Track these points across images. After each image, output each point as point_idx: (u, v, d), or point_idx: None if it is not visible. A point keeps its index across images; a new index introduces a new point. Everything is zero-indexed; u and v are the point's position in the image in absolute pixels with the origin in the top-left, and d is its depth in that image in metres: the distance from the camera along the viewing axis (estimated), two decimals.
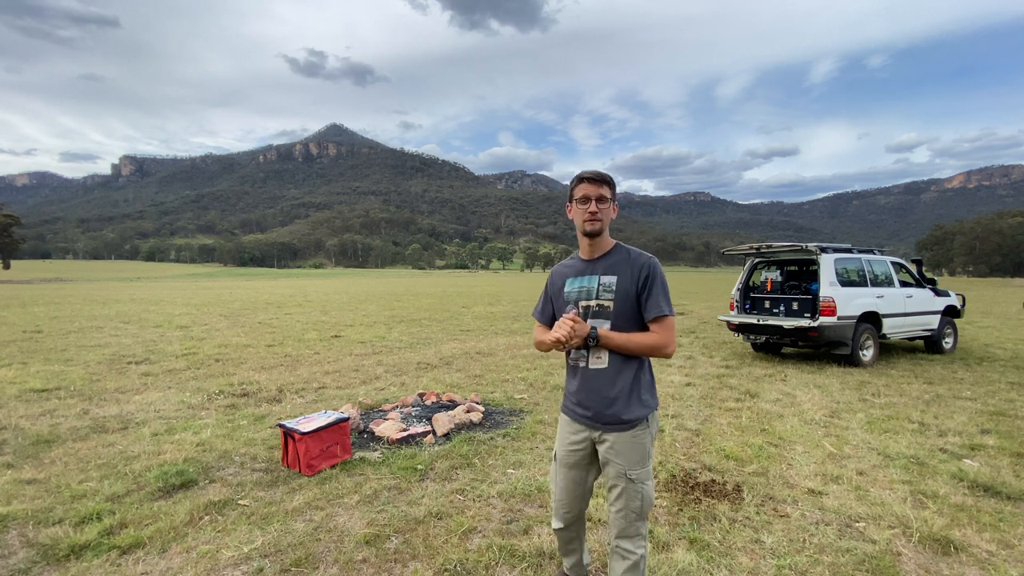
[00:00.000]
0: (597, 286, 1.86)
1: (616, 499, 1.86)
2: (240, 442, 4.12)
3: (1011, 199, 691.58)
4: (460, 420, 4.52)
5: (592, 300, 1.86)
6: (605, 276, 1.86)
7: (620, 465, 1.84)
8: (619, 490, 1.85)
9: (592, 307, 1.86)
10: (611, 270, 1.86)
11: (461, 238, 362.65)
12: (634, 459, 1.84)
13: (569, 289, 1.94)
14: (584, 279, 1.90)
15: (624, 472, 1.83)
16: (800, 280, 8.47)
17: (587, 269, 1.91)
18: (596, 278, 1.87)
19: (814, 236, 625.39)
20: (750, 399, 5.57)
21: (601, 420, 1.86)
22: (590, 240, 1.88)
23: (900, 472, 3.56)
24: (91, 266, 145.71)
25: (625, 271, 1.84)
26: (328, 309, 17.75)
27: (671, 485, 3.36)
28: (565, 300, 1.94)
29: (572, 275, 1.96)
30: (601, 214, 1.82)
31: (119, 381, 6.32)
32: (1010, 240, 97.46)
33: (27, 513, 2.91)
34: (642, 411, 1.86)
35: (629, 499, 1.84)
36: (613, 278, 1.85)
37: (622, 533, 1.87)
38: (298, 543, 2.65)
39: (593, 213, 1.81)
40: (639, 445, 1.85)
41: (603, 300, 1.84)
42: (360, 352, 8.66)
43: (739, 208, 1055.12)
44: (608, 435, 1.86)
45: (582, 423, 1.92)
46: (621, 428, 1.84)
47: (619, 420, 1.84)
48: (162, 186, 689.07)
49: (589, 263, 1.92)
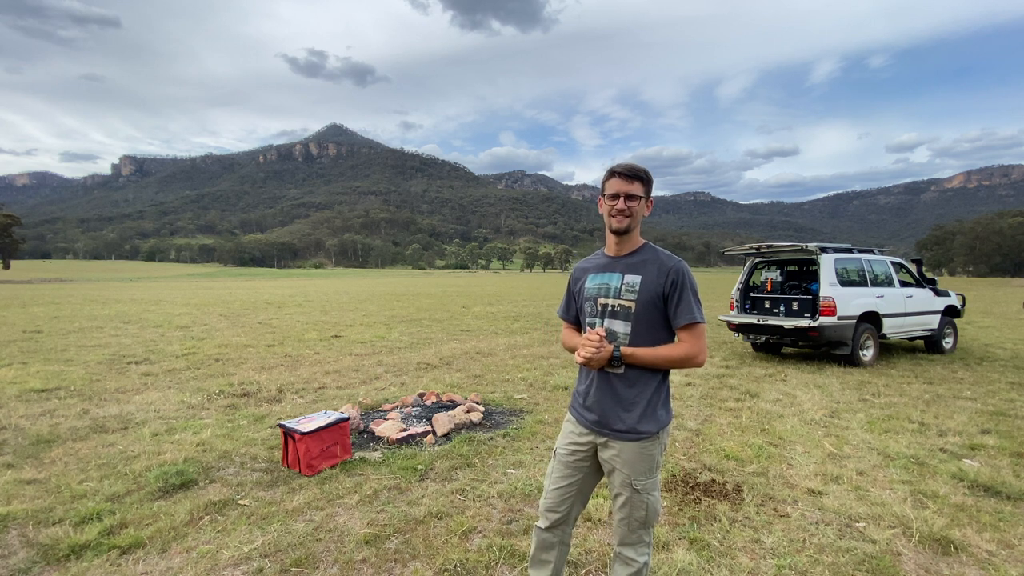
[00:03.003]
0: (620, 285, 1.76)
1: (620, 507, 1.80)
2: (240, 442, 4.12)
3: (1011, 199, 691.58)
4: (460, 420, 4.52)
5: (612, 299, 1.77)
6: (629, 275, 1.76)
7: (626, 474, 1.76)
8: (624, 499, 1.78)
9: (611, 306, 1.77)
10: (636, 269, 1.77)
11: (461, 238, 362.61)
12: (641, 469, 1.76)
13: (590, 285, 1.84)
14: (606, 275, 1.81)
15: (630, 482, 1.76)
16: (800, 280, 8.47)
17: (611, 266, 1.82)
18: (619, 276, 1.78)
19: (814, 236, 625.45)
20: (750, 399, 5.57)
21: (609, 427, 1.78)
22: (617, 237, 1.79)
23: (900, 472, 3.56)
24: (91, 266, 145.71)
25: (651, 272, 1.75)
26: (328, 309, 17.75)
27: (671, 485, 3.36)
28: (585, 296, 1.85)
29: (594, 271, 1.86)
30: (630, 211, 1.73)
31: (119, 381, 6.32)
32: (1010, 240, 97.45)
33: (27, 513, 2.91)
34: (654, 426, 1.76)
35: (633, 508, 1.77)
36: (637, 278, 1.75)
37: (624, 540, 1.82)
38: (298, 543, 2.65)
39: (621, 210, 1.72)
40: (647, 456, 1.77)
41: (624, 300, 1.75)
42: (360, 352, 8.66)
43: (739, 208, 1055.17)
44: (615, 443, 1.77)
45: (588, 427, 1.84)
46: (629, 438, 1.76)
47: (629, 431, 1.75)
48: (162, 186, 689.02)
49: (613, 260, 1.83)
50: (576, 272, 1.97)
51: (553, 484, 1.91)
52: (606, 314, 1.78)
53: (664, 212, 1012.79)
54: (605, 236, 1.87)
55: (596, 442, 1.83)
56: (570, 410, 1.97)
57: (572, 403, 1.97)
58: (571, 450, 1.89)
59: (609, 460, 1.80)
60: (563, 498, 1.89)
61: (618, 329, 1.77)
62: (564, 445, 1.91)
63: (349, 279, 72.68)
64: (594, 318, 1.82)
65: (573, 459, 1.88)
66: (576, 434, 1.89)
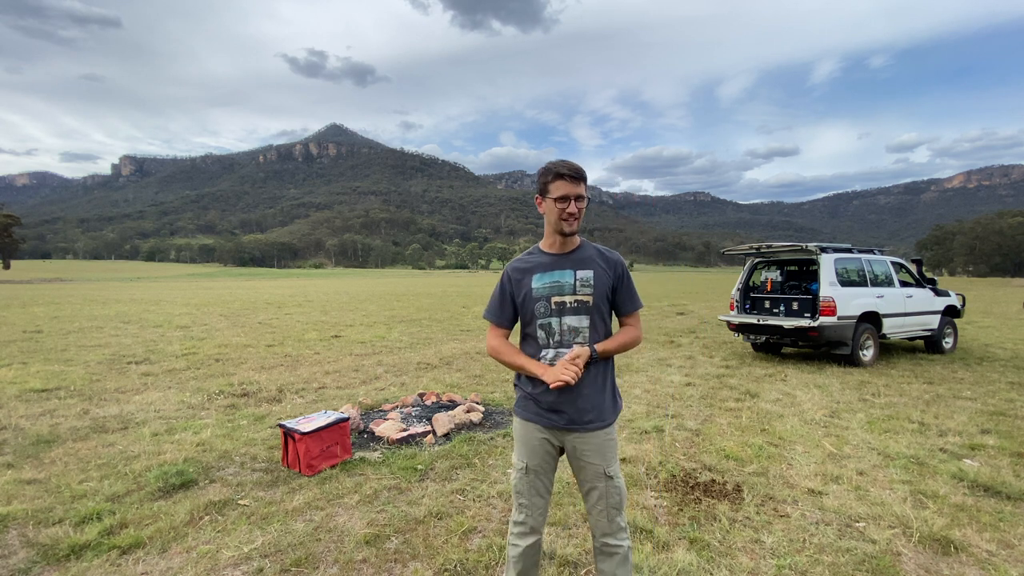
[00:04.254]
0: (574, 281, 1.80)
1: (597, 500, 1.83)
2: (240, 442, 4.12)
3: (1011, 199, 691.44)
4: (460, 420, 4.52)
5: (568, 296, 1.79)
6: (581, 271, 1.80)
7: (598, 464, 1.81)
8: (600, 490, 1.82)
9: (568, 303, 1.79)
10: (585, 265, 1.82)
11: (461, 238, 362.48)
12: (611, 456, 1.83)
13: (538, 285, 1.82)
14: (555, 274, 1.81)
15: (603, 471, 1.81)
16: (800, 280, 8.48)
17: (558, 264, 1.82)
18: (571, 273, 1.80)
19: (814, 236, 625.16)
20: (750, 399, 5.57)
21: (580, 422, 1.80)
22: (564, 238, 1.82)
23: (900, 472, 3.56)
24: (91, 266, 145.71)
25: (599, 267, 1.82)
26: (328, 309, 17.75)
27: (671, 485, 3.36)
28: (535, 296, 1.82)
29: (539, 270, 1.84)
30: (579, 213, 1.75)
31: (119, 381, 6.32)
32: (1010, 240, 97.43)
33: (27, 513, 2.91)
34: (616, 411, 1.87)
35: (609, 496, 1.82)
36: (589, 272, 1.80)
37: (607, 531, 1.84)
38: (298, 543, 2.65)
39: (572, 214, 1.73)
40: (613, 441, 1.85)
41: (580, 295, 1.79)
42: (360, 352, 8.66)
43: (739, 208, 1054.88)
44: (585, 436, 1.81)
45: (556, 428, 1.83)
46: (598, 428, 1.81)
47: (598, 421, 1.81)
48: (162, 186, 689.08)
49: (560, 257, 1.83)
50: (514, 274, 1.88)
51: (531, 499, 1.87)
52: (563, 311, 1.80)
53: (664, 212, 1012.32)
54: (545, 235, 1.87)
55: (560, 441, 1.85)
56: (525, 416, 1.88)
57: (525, 408, 1.88)
58: (542, 458, 1.86)
59: (580, 455, 1.82)
60: (544, 506, 1.90)
61: (575, 324, 1.80)
62: (534, 456, 1.86)
63: (349, 279, 72.68)
64: (548, 317, 1.81)
65: (547, 466, 1.88)
66: (538, 442, 1.86)
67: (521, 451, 1.89)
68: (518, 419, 1.91)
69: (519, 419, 1.91)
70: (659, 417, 4.85)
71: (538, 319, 1.82)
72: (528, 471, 1.86)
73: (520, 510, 1.88)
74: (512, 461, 1.90)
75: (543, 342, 1.83)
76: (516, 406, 1.94)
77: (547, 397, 1.80)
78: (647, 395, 5.73)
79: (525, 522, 1.87)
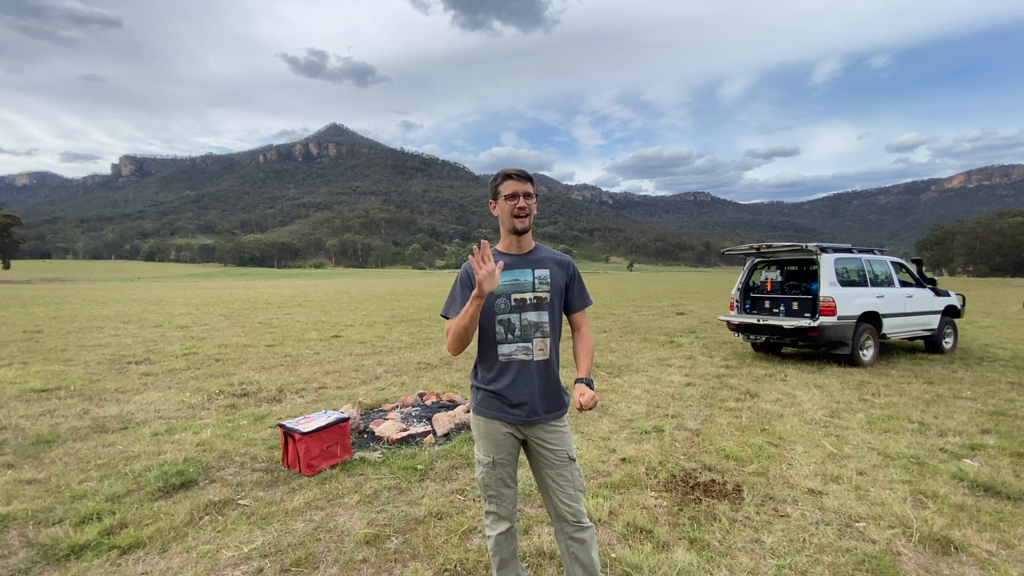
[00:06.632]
0: (533, 279, 1.92)
1: (564, 484, 1.93)
2: (240, 442, 4.12)
3: (1011, 199, 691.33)
4: (460, 420, 4.52)
5: (527, 293, 1.92)
6: (539, 270, 1.94)
7: (562, 449, 1.94)
8: (567, 474, 1.93)
9: (528, 300, 1.91)
10: (541, 265, 1.96)
11: (461, 238, 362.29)
12: (570, 439, 1.98)
13: (499, 282, 1.85)
14: (515, 272, 1.92)
15: (567, 454, 1.94)
16: (800, 280, 8.48)
17: (517, 264, 1.93)
18: (530, 272, 1.93)
19: (814, 236, 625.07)
20: (750, 399, 5.57)
21: (543, 412, 1.92)
22: (518, 236, 1.94)
23: (900, 472, 3.56)
24: (91, 266, 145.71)
25: (553, 267, 1.97)
26: (328, 309, 17.75)
27: (671, 485, 3.36)
28: (496, 293, 1.88)
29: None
30: (529, 209, 1.88)
31: (119, 381, 6.33)
32: (1010, 240, 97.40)
33: (27, 513, 2.92)
34: (568, 398, 2.01)
35: (575, 478, 1.94)
36: (546, 271, 1.94)
37: (575, 515, 1.91)
38: (298, 543, 2.65)
39: (522, 208, 1.87)
40: (568, 428, 2.00)
41: (540, 292, 1.92)
42: (360, 352, 8.66)
43: (739, 208, 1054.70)
44: (546, 425, 1.93)
45: (518, 422, 1.92)
46: (558, 415, 1.95)
47: (557, 409, 1.95)
48: (162, 186, 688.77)
49: (518, 258, 1.95)
50: (472, 271, 1.87)
51: (499, 490, 1.96)
52: (524, 307, 1.91)
53: (664, 212, 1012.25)
54: (502, 236, 1.99)
55: (526, 433, 1.96)
56: (489, 414, 1.94)
57: (488, 407, 1.94)
58: (507, 451, 1.96)
59: (545, 443, 1.94)
60: (512, 496, 2.00)
61: (533, 319, 1.91)
62: (498, 450, 1.94)
63: (349, 279, 72.69)
64: (508, 313, 1.91)
65: (510, 458, 1.98)
66: (504, 435, 1.95)
67: (486, 447, 1.97)
68: (481, 418, 1.98)
69: (482, 418, 1.97)
70: (659, 417, 4.85)
71: (497, 315, 1.91)
72: (495, 465, 1.96)
73: (490, 501, 1.98)
74: (477, 457, 1.99)
75: (501, 337, 1.91)
76: (478, 405, 1.98)
77: (510, 394, 1.90)
78: (647, 395, 5.73)
79: (496, 512, 1.98)
